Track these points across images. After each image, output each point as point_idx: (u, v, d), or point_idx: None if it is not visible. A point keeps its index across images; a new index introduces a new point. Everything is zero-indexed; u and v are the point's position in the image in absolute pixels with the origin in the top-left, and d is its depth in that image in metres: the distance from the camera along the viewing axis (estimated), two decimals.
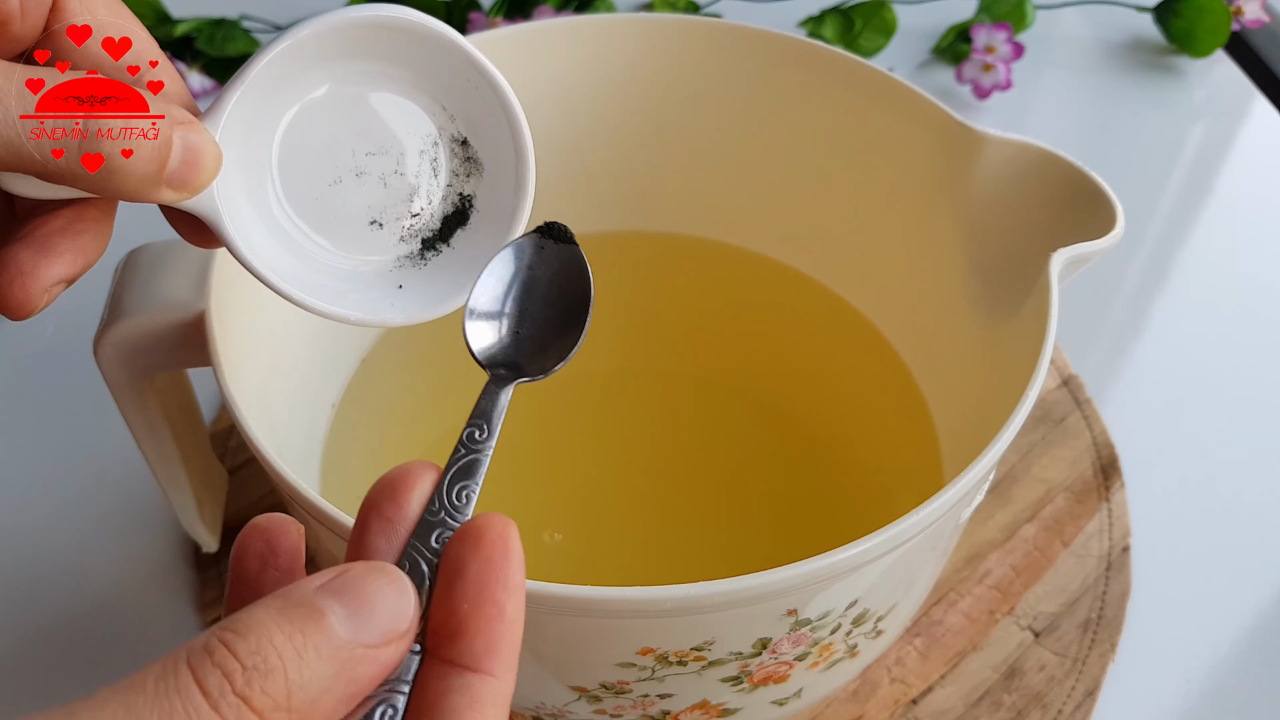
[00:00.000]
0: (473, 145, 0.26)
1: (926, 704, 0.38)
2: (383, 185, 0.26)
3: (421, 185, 0.26)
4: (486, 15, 0.62)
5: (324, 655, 0.16)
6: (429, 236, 0.27)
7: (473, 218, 0.27)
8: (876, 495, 0.40)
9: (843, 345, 0.44)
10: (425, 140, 0.26)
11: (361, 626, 0.17)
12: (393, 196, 0.26)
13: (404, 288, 0.26)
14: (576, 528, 0.39)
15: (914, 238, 0.40)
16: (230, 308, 0.32)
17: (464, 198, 0.27)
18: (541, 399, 0.43)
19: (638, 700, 0.29)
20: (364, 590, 0.17)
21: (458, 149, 0.26)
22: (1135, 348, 0.51)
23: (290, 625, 0.16)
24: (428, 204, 0.26)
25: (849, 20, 0.65)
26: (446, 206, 0.27)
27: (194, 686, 0.15)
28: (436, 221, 0.27)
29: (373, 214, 0.26)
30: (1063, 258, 0.31)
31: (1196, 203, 0.58)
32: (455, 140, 0.26)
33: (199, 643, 0.16)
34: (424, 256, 0.27)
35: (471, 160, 0.27)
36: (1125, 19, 0.68)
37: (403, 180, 0.26)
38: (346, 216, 0.26)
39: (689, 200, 0.46)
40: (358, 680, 0.17)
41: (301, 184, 0.25)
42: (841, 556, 0.25)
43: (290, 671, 0.16)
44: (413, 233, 0.26)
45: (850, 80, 0.39)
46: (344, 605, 0.17)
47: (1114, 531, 0.43)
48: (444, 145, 0.26)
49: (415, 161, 0.26)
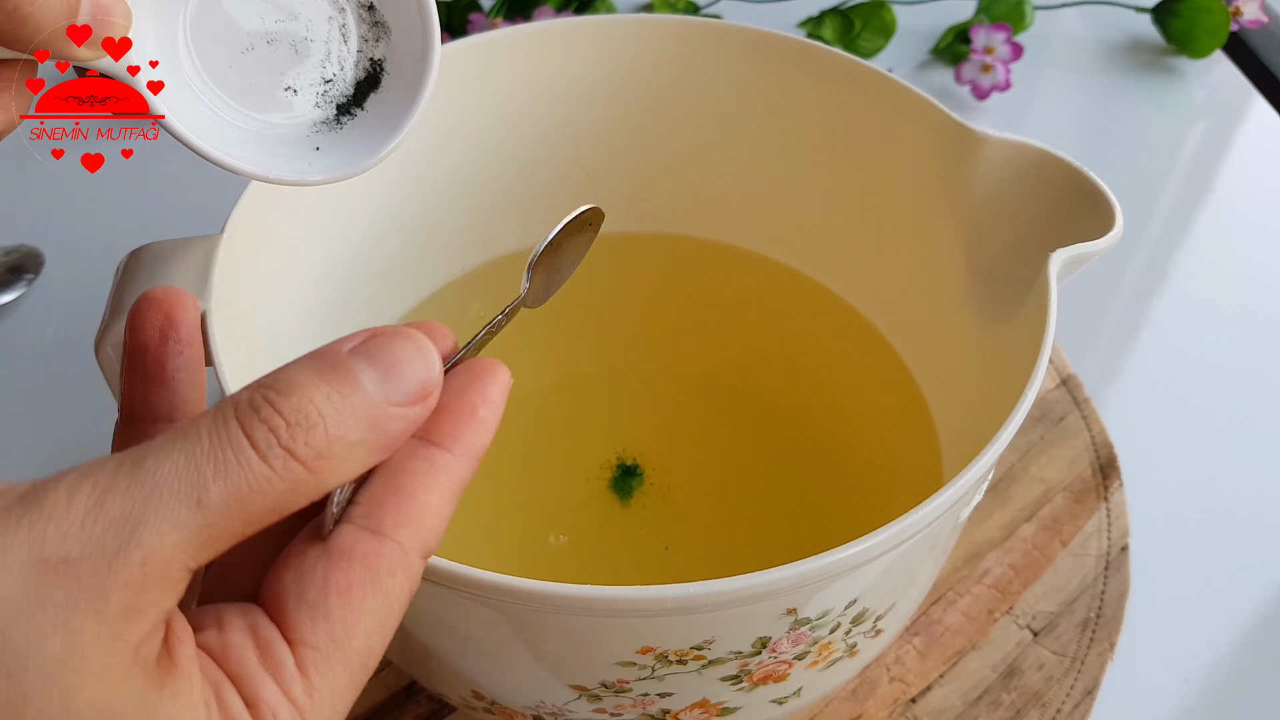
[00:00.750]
0: (379, 10, 0.27)
1: (925, 703, 0.38)
2: (294, 51, 0.27)
3: (332, 51, 0.27)
4: (487, 16, 0.62)
5: (359, 412, 0.18)
6: (343, 101, 0.28)
7: (384, 81, 0.28)
8: (875, 494, 0.40)
9: (842, 345, 0.44)
10: (333, 7, 0.27)
11: (392, 388, 0.19)
12: (304, 63, 0.27)
13: (321, 150, 0.27)
14: (578, 528, 0.39)
15: (913, 238, 0.40)
16: (231, 308, 0.32)
17: (374, 62, 0.28)
18: (542, 399, 0.44)
19: (638, 699, 0.29)
20: (393, 354, 0.19)
21: (365, 14, 0.27)
22: (1134, 347, 0.51)
23: (328, 385, 0.18)
24: (339, 70, 0.27)
25: (848, 21, 0.65)
26: (359, 72, 0.28)
27: (244, 439, 0.17)
28: (350, 86, 0.28)
29: (286, 80, 0.27)
30: (1061, 258, 0.31)
31: (1195, 203, 0.58)
32: (361, 5, 0.27)
33: (244, 398, 0.17)
34: (339, 121, 0.28)
35: (379, 25, 0.27)
36: (1124, 19, 0.68)
37: (313, 46, 0.27)
38: (261, 83, 0.27)
39: (689, 200, 0.46)
40: (389, 434, 0.19)
41: (215, 51, 0.26)
42: (841, 556, 0.25)
43: (330, 426, 0.18)
44: (327, 98, 0.27)
45: (849, 81, 0.39)
46: (374, 368, 0.19)
47: (1113, 531, 0.43)
48: (351, 10, 0.27)
49: (324, 28, 0.27)
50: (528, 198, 0.45)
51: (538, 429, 0.43)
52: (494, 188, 0.44)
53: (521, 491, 0.41)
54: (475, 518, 0.40)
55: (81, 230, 0.55)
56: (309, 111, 0.27)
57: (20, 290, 0.51)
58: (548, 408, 0.43)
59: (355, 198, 0.41)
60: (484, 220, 0.45)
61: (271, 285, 0.37)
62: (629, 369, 0.45)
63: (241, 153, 0.26)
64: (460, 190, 0.44)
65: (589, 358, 0.45)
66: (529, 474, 0.41)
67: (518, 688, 0.30)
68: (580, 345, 0.45)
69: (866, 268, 0.44)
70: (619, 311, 0.46)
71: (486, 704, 0.32)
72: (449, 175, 0.43)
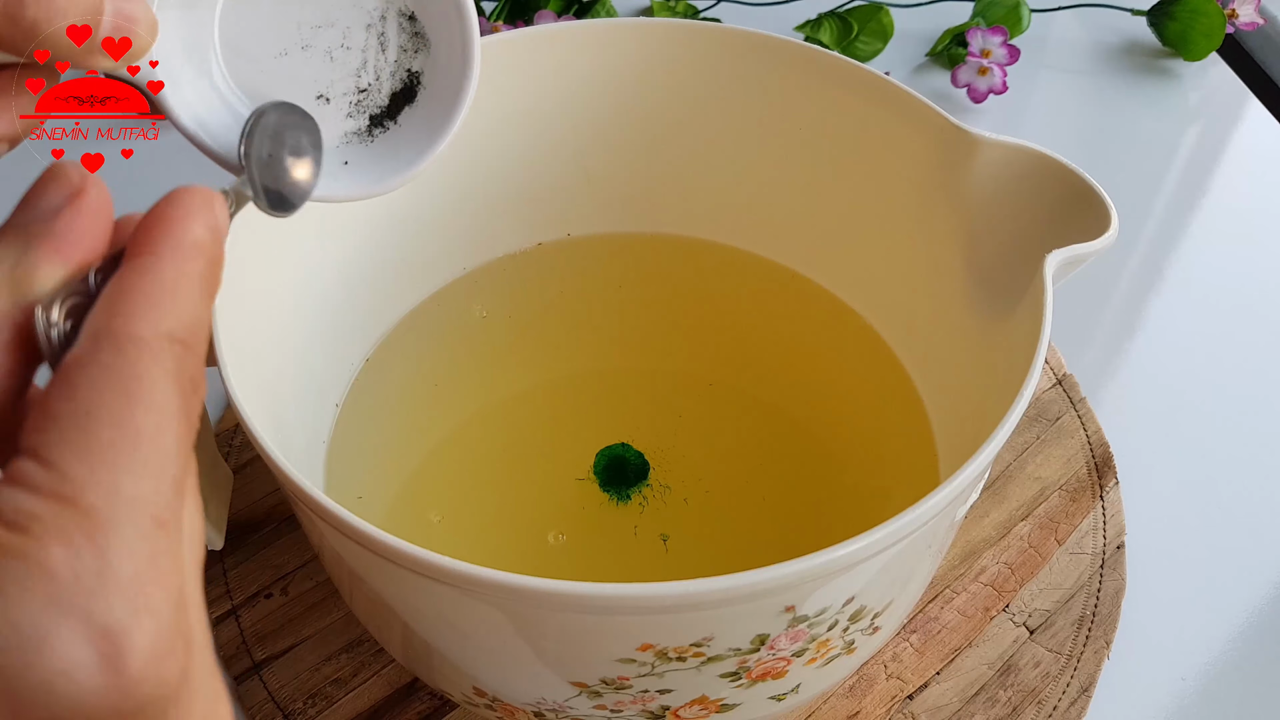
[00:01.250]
0: (420, 21, 0.26)
1: (922, 699, 0.39)
2: (329, 59, 0.26)
3: (369, 60, 0.26)
4: (488, 20, 0.63)
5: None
6: (376, 113, 0.26)
7: (420, 95, 0.26)
8: (873, 493, 0.40)
9: (840, 345, 0.44)
10: (373, 14, 0.26)
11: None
12: (339, 71, 0.26)
13: (349, 164, 0.26)
14: (577, 527, 0.40)
15: (910, 239, 0.41)
16: (235, 308, 0.32)
17: (412, 74, 0.26)
18: (542, 399, 0.44)
19: (637, 695, 0.30)
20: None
21: (406, 24, 0.26)
22: (1129, 347, 0.51)
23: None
24: (375, 80, 0.26)
25: (846, 24, 0.65)
26: (395, 83, 0.26)
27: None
28: (384, 98, 0.26)
29: (319, 88, 0.26)
30: (1057, 259, 0.32)
31: (1190, 204, 0.58)
32: (403, 15, 0.26)
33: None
34: (371, 133, 0.26)
35: (419, 36, 0.26)
36: (1120, 22, 0.68)
37: (350, 54, 0.26)
38: (292, 91, 0.25)
39: (688, 202, 0.46)
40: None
41: (246, 57, 0.25)
42: (838, 554, 0.25)
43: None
44: (360, 109, 0.26)
45: (847, 84, 0.40)
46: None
47: (1108, 529, 0.43)
48: (392, 20, 0.26)
49: (362, 36, 0.26)
50: (528, 198, 0.46)
51: (538, 428, 0.43)
52: (495, 188, 0.45)
53: (521, 490, 0.41)
54: (475, 517, 0.40)
55: None
56: (340, 122, 0.26)
57: None
58: (548, 407, 0.44)
59: None
60: (485, 220, 0.45)
61: (275, 285, 0.37)
62: (628, 369, 0.45)
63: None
64: (461, 191, 0.44)
65: (588, 357, 0.45)
66: (528, 473, 0.41)
67: (519, 684, 0.31)
68: (580, 345, 0.45)
69: (863, 268, 0.44)
70: (618, 311, 0.46)
71: (488, 700, 0.32)
72: (450, 176, 0.43)
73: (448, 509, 0.40)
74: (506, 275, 0.46)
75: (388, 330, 0.44)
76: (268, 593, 0.41)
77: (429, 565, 0.25)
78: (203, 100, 0.25)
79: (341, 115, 0.26)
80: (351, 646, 0.40)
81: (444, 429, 0.42)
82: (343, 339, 0.42)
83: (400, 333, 0.44)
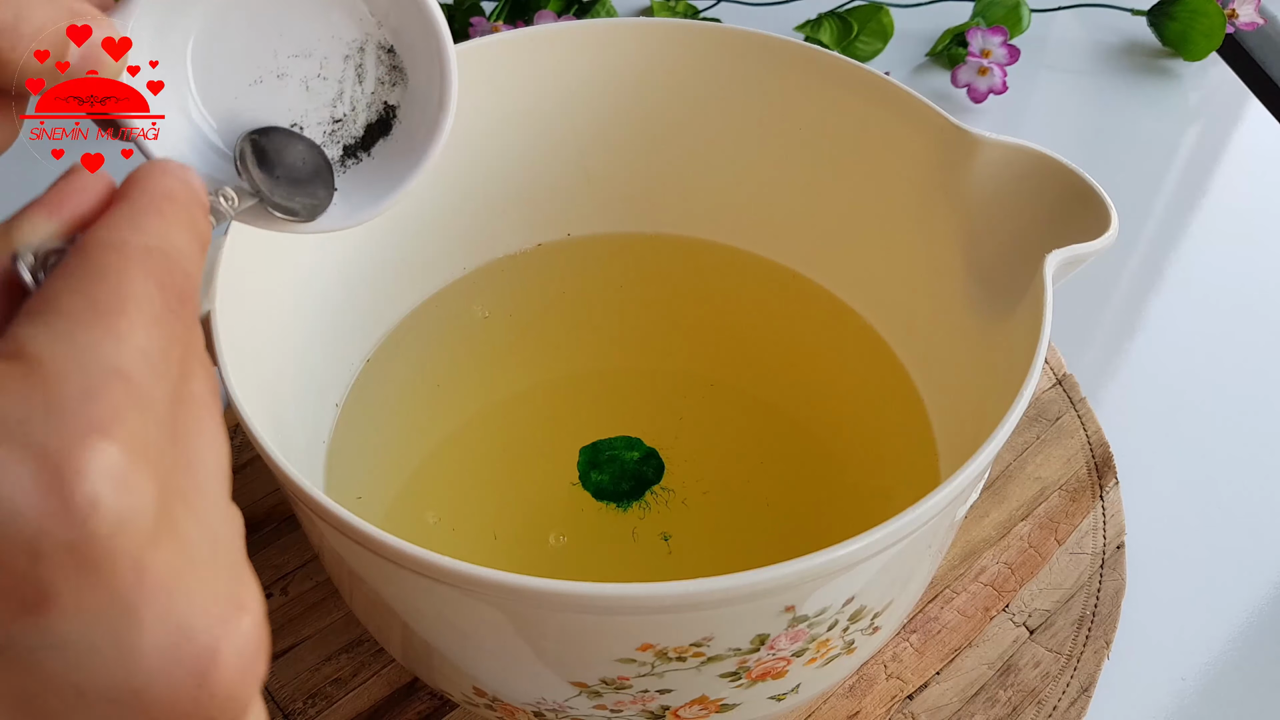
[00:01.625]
0: (399, 54, 0.26)
1: (922, 699, 0.39)
2: (305, 89, 0.26)
3: (345, 91, 0.26)
4: (488, 20, 0.63)
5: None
6: (350, 144, 0.26)
7: (395, 128, 0.26)
8: (873, 493, 0.40)
9: (840, 345, 0.44)
10: (351, 46, 0.26)
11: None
12: (314, 101, 0.26)
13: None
14: (579, 527, 0.40)
15: (910, 239, 0.41)
16: (234, 309, 0.32)
17: (388, 107, 0.26)
18: (542, 399, 0.44)
19: (637, 695, 0.30)
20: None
21: (384, 56, 0.26)
22: (1129, 347, 0.51)
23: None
24: (350, 110, 0.26)
25: (846, 24, 0.65)
26: (370, 115, 0.26)
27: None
28: (359, 129, 0.26)
29: (293, 117, 0.26)
30: (1057, 259, 0.32)
31: (1190, 205, 0.58)
32: (382, 48, 0.26)
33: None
34: (344, 164, 0.26)
35: (397, 70, 0.26)
36: (1120, 22, 0.68)
37: (326, 85, 0.26)
38: (266, 120, 0.25)
39: (688, 202, 0.46)
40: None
41: (220, 84, 0.25)
42: (838, 554, 0.25)
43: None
44: (334, 139, 0.26)
45: (847, 84, 0.40)
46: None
47: (1108, 529, 0.43)
48: (370, 52, 0.26)
49: (340, 66, 0.26)
50: (529, 199, 0.46)
51: (538, 429, 0.43)
52: (495, 189, 0.45)
53: (520, 490, 0.41)
54: (475, 517, 0.40)
55: None
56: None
57: None
58: (548, 408, 0.44)
59: None
60: (485, 221, 0.45)
61: (275, 285, 0.37)
62: (628, 369, 0.45)
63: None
64: (462, 191, 0.44)
65: (589, 358, 0.45)
66: (528, 472, 0.41)
67: (519, 684, 0.31)
68: (580, 345, 0.45)
69: (864, 269, 0.44)
70: (618, 311, 0.46)
71: (488, 700, 0.32)
72: (451, 176, 0.43)
73: (447, 509, 0.40)
74: (506, 275, 0.46)
75: (388, 330, 0.44)
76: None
77: (429, 565, 0.25)
78: (171, 129, 0.24)
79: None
80: (351, 646, 0.40)
81: (444, 429, 0.42)
82: (343, 339, 0.42)
83: (400, 333, 0.44)
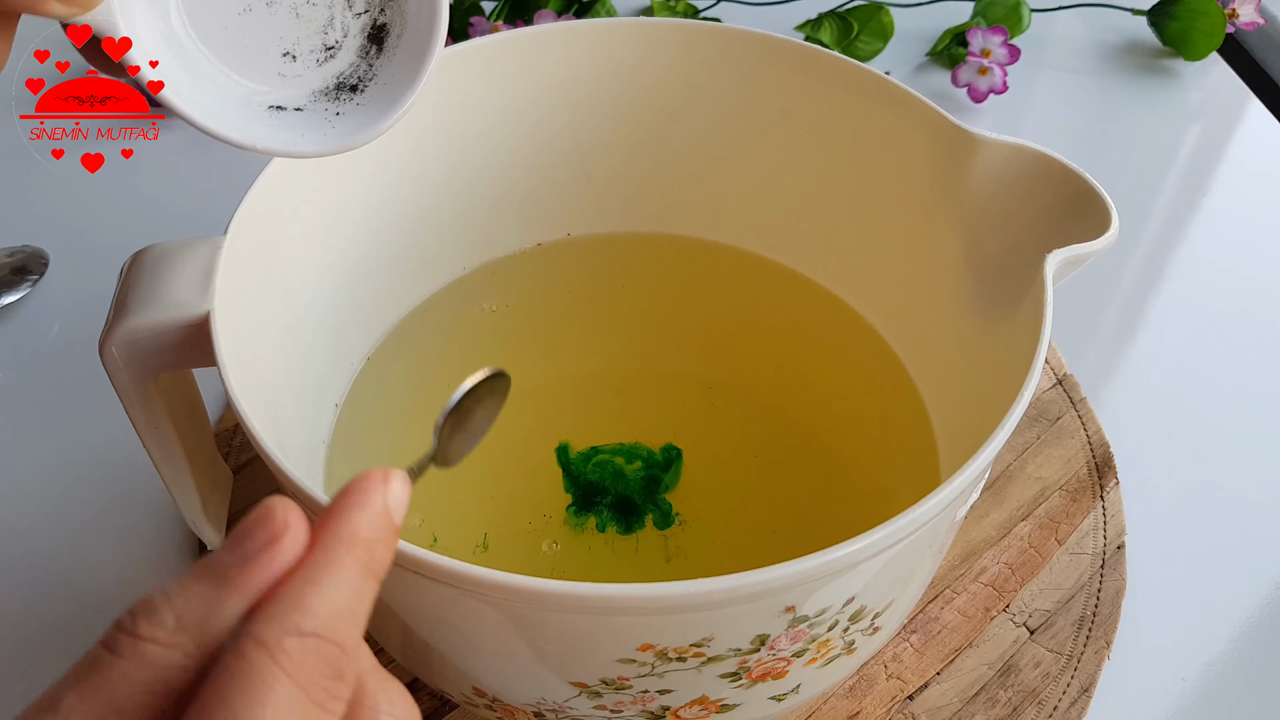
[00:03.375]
0: None
1: (923, 700, 0.39)
2: (294, 15, 0.26)
3: (335, 16, 0.26)
4: (488, 19, 0.63)
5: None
6: (344, 69, 0.26)
7: (386, 50, 0.26)
8: (874, 493, 0.40)
9: (840, 345, 0.44)
10: None
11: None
12: (305, 27, 0.26)
13: (315, 120, 0.26)
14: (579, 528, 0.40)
15: (910, 239, 0.41)
16: (235, 308, 0.32)
17: (378, 28, 0.26)
18: (543, 400, 0.44)
19: (638, 696, 0.30)
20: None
21: None
22: (1130, 348, 0.51)
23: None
24: (342, 35, 0.26)
25: (846, 24, 0.65)
26: (362, 38, 0.26)
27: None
28: (351, 54, 0.26)
29: (285, 45, 0.26)
30: (1058, 259, 0.32)
31: (1191, 204, 0.58)
32: None
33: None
34: (338, 89, 0.26)
35: None
36: (1120, 22, 0.68)
37: (316, 10, 0.26)
38: (257, 47, 0.25)
39: (689, 202, 0.46)
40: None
41: (210, 11, 0.25)
42: (839, 554, 0.25)
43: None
44: (327, 65, 0.26)
45: (848, 83, 0.40)
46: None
47: (1109, 529, 0.43)
48: None
49: None
50: (529, 198, 0.46)
51: (537, 428, 0.43)
52: (496, 188, 0.45)
53: (520, 489, 0.41)
54: (475, 516, 0.40)
55: (86, 231, 0.55)
56: (307, 79, 0.26)
57: (25, 291, 0.52)
58: (547, 407, 0.43)
59: (358, 198, 0.41)
60: (486, 220, 0.45)
61: (275, 285, 0.37)
62: (628, 369, 0.45)
63: (231, 121, 0.25)
64: (462, 191, 0.44)
65: (588, 358, 0.45)
66: (528, 472, 0.41)
67: (518, 685, 0.31)
68: (580, 345, 0.45)
69: (864, 268, 0.44)
70: (618, 312, 0.46)
71: (488, 701, 0.32)
72: (451, 176, 0.43)
73: (447, 509, 0.40)
74: (506, 275, 0.46)
75: (388, 330, 0.44)
76: None
77: (429, 566, 0.25)
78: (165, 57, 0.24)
79: (308, 71, 0.26)
80: None
81: None
82: (343, 339, 0.42)
83: (400, 333, 0.44)
